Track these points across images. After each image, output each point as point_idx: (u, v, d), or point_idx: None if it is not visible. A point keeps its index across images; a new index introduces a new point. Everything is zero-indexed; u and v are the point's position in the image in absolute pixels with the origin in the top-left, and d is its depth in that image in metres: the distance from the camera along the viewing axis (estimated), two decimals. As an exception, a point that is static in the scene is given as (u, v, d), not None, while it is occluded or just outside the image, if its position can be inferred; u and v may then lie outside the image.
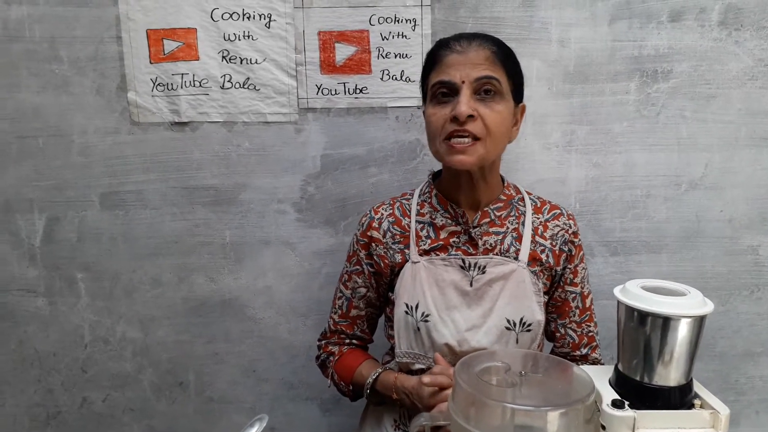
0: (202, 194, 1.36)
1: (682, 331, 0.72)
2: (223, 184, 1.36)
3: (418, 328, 0.98)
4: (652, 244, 1.39)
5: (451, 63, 0.93)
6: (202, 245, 1.38)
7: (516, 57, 0.99)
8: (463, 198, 1.01)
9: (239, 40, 1.29)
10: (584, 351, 1.08)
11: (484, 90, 0.92)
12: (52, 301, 1.41)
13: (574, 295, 1.06)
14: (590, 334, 1.08)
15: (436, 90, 0.94)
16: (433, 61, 0.97)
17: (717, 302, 1.42)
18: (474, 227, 1.00)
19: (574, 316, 1.07)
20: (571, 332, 1.07)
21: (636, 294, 0.76)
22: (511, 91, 0.96)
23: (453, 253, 1.00)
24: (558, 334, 1.08)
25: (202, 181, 1.36)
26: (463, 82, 0.92)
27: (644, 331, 0.74)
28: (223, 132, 1.34)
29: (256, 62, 1.30)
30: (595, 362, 1.09)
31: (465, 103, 0.90)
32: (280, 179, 1.36)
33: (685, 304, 0.73)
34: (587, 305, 1.08)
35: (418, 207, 1.05)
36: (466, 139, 0.92)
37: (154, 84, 1.31)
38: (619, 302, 0.79)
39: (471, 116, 0.91)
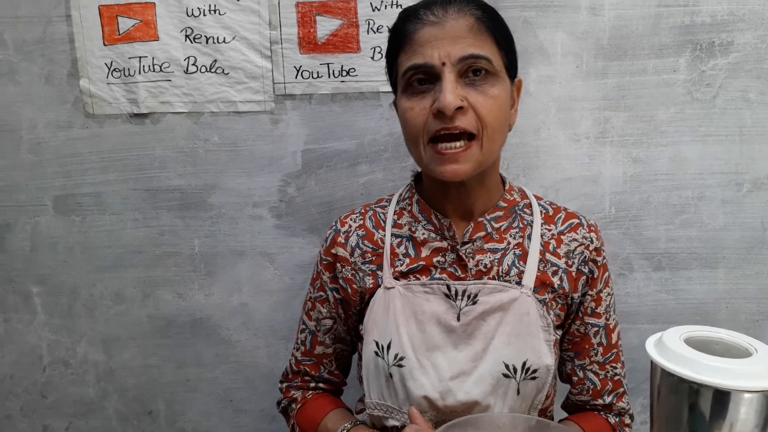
0: (166, 197, 1.17)
1: (746, 411, 0.49)
2: (190, 185, 1.17)
3: (391, 374, 0.76)
4: (705, 257, 1.14)
5: (425, 39, 0.71)
6: (168, 256, 1.20)
7: (503, 19, 0.76)
8: (452, 206, 0.79)
9: (204, 15, 1.09)
10: (608, 399, 0.85)
11: (472, 70, 0.70)
12: (6, 318, 1.25)
13: (596, 328, 0.83)
14: (616, 377, 0.85)
15: (410, 77, 0.72)
16: (399, 39, 0.75)
17: (787, 327, 1.16)
18: (464, 243, 0.78)
19: (596, 355, 0.84)
20: (592, 375, 0.85)
21: (677, 352, 0.52)
22: (504, 67, 0.73)
23: (436, 276, 0.78)
24: (575, 378, 0.86)
25: (166, 182, 1.17)
26: (444, 63, 0.69)
27: (689, 406, 0.51)
28: (188, 124, 1.14)
29: (224, 41, 1.10)
30: (622, 413, 0.87)
31: (450, 92, 0.68)
32: (255, 179, 1.16)
33: (751, 372, 0.49)
34: (613, 341, 0.85)
35: (396, 217, 0.83)
36: (459, 143, 0.70)
37: (109, 69, 1.12)
38: (653, 363, 0.56)
39: (460, 108, 0.68)
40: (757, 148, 1.09)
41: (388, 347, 0.76)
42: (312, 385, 0.90)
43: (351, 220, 0.86)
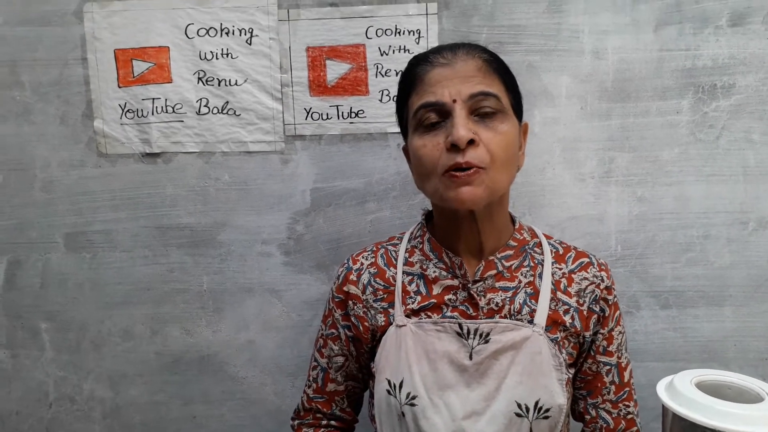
0: (176, 234, 1.19)
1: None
2: (200, 222, 1.18)
3: (403, 413, 0.76)
4: (712, 295, 1.14)
5: (436, 79, 0.74)
6: (177, 293, 1.21)
7: (508, 66, 0.80)
8: (463, 244, 0.80)
9: (217, 58, 1.12)
10: None
11: (481, 108, 0.73)
12: (14, 354, 1.26)
13: (608, 367, 0.84)
14: (629, 416, 0.86)
15: (422, 116, 0.75)
16: (410, 82, 0.78)
17: (796, 366, 1.16)
18: (475, 282, 0.79)
19: (609, 394, 0.85)
20: (604, 414, 0.85)
21: (689, 397, 0.53)
22: (512, 106, 0.76)
23: (448, 314, 0.79)
24: (588, 417, 0.86)
25: (177, 220, 1.18)
26: (455, 100, 0.72)
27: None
28: (199, 164, 1.17)
29: (236, 84, 1.12)
30: None
31: (463, 126, 0.70)
32: (264, 217, 1.17)
33: (763, 417, 0.50)
34: (625, 380, 0.86)
35: (407, 255, 0.85)
36: (471, 169, 0.72)
37: (122, 110, 1.15)
38: (664, 407, 0.56)
39: (471, 141, 0.71)
40: (762, 188, 1.10)
41: (401, 386, 0.77)
42: (324, 422, 0.91)
43: (363, 257, 0.87)
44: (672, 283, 1.14)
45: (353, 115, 1.12)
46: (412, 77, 0.77)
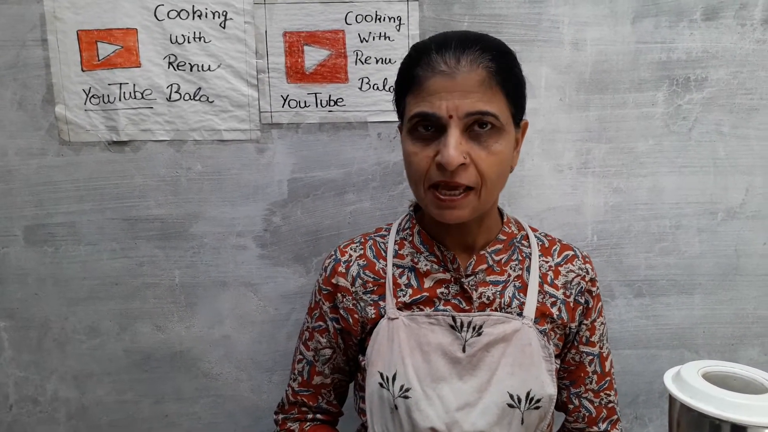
0: (146, 227, 1.14)
1: (769, 446, 0.51)
2: (171, 214, 1.13)
3: (396, 406, 0.76)
4: (683, 284, 1.17)
5: (434, 89, 0.70)
6: (147, 287, 1.16)
7: (518, 64, 0.76)
8: (452, 239, 0.80)
9: (189, 42, 1.07)
10: (603, 426, 0.88)
11: (478, 124, 0.70)
12: (-31, 354, 1.19)
13: (591, 357, 0.86)
14: (610, 405, 0.88)
15: (416, 123, 0.72)
16: (409, 81, 0.74)
17: (759, 351, 1.21)
18: (467, 276, 0.79)
19: (591, 383, 0.86)
20: (587, 403, 0.87)
21: (697, 388, 0.54)
22: (512, 116, 0.74)
23: (441, 307, 0.79)
24: (571, 406, 0.88)
25: (146, 212, 1.13)
26: (451, 116, 0.69)
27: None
28: (170, 152, 1.12)
29: (209, 69, 1.08)
30: None
31: (454, 147, 0.68)
32: (239, 208, 1.13)
33: None
34: (607, 369, 0.88)
35: (396, 247, 0.84)
36: (457, 191, 0.71)
37: (87, 96, 1.09)
38: (671, 397, 0.57)
39: (462, 164, 0.69)
40: (730, 179, 1.14)
41: (394, 378, 0.76)
42: (309, 416, 0.89)
43: (351, 249, 0.86)
44: (645, 272, 1.17)
45: (332, 103, 1.09)
46: (411, 77, 0.73)
